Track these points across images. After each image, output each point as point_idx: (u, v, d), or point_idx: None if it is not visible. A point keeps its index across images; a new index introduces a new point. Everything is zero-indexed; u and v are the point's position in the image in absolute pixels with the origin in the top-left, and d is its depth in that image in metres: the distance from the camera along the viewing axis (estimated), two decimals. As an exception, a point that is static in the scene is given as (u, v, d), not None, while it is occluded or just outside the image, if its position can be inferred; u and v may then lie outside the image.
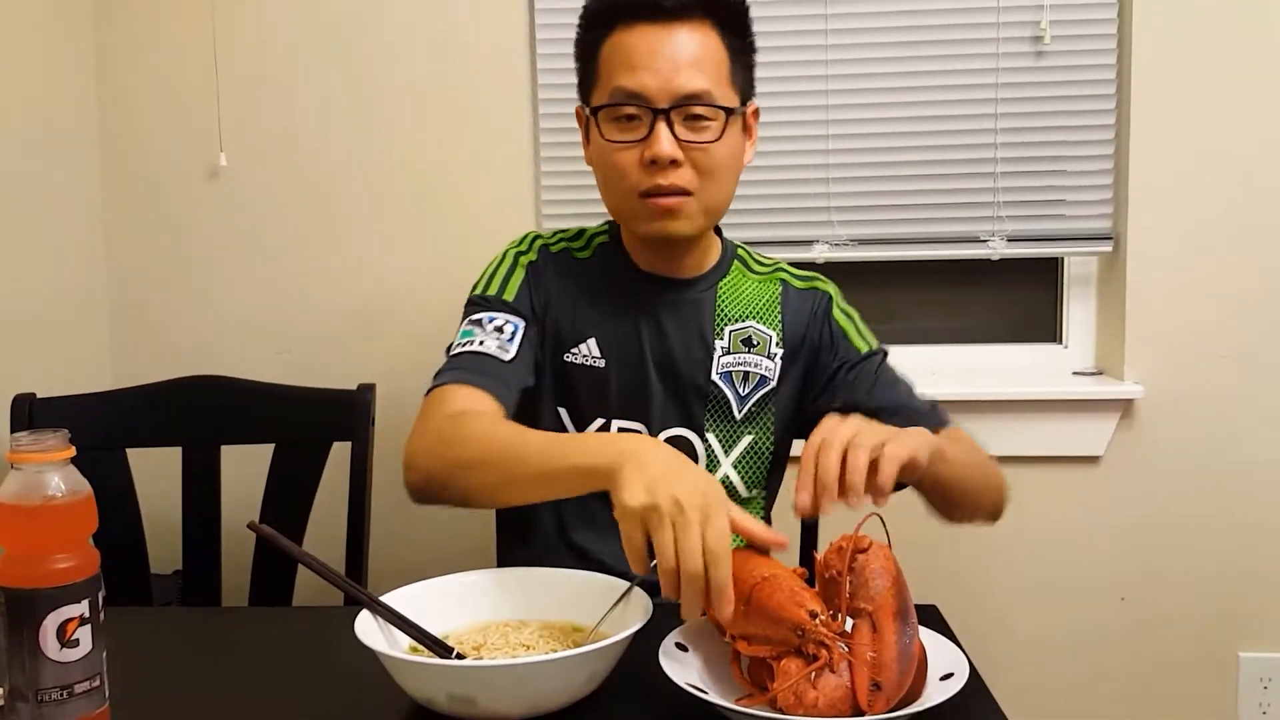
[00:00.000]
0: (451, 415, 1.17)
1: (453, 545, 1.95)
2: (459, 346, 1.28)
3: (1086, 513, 1.97)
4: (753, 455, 1.38)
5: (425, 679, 0.89)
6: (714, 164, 1.26)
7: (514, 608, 1.06)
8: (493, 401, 1.21)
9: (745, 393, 1.36)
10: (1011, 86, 1.94)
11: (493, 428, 1.14)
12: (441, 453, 1.14)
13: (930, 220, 1.98)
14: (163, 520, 1.62)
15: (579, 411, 1.34)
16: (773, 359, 1.37)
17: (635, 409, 1.33)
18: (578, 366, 1.34)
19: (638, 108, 1.23)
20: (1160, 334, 1.93)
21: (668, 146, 1.22)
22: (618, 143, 1.25)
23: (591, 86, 1.30)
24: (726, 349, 1.35)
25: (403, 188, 1.99)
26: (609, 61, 1.26)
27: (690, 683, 0.89)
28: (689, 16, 1.23)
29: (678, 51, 1.23)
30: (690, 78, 1.22)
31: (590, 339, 1.34)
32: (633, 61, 1.23)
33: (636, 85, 1.22)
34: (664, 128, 1.22)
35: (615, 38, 1.25)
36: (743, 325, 1.37)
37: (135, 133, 2.02)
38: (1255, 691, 1.97)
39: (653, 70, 1.22)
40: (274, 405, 1.62)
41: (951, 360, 2.08)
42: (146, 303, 2.05)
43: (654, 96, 1.22)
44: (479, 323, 1.30)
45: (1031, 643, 2.00)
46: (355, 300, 2.01)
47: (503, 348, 1.27)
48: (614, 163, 1.26)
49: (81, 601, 0.83)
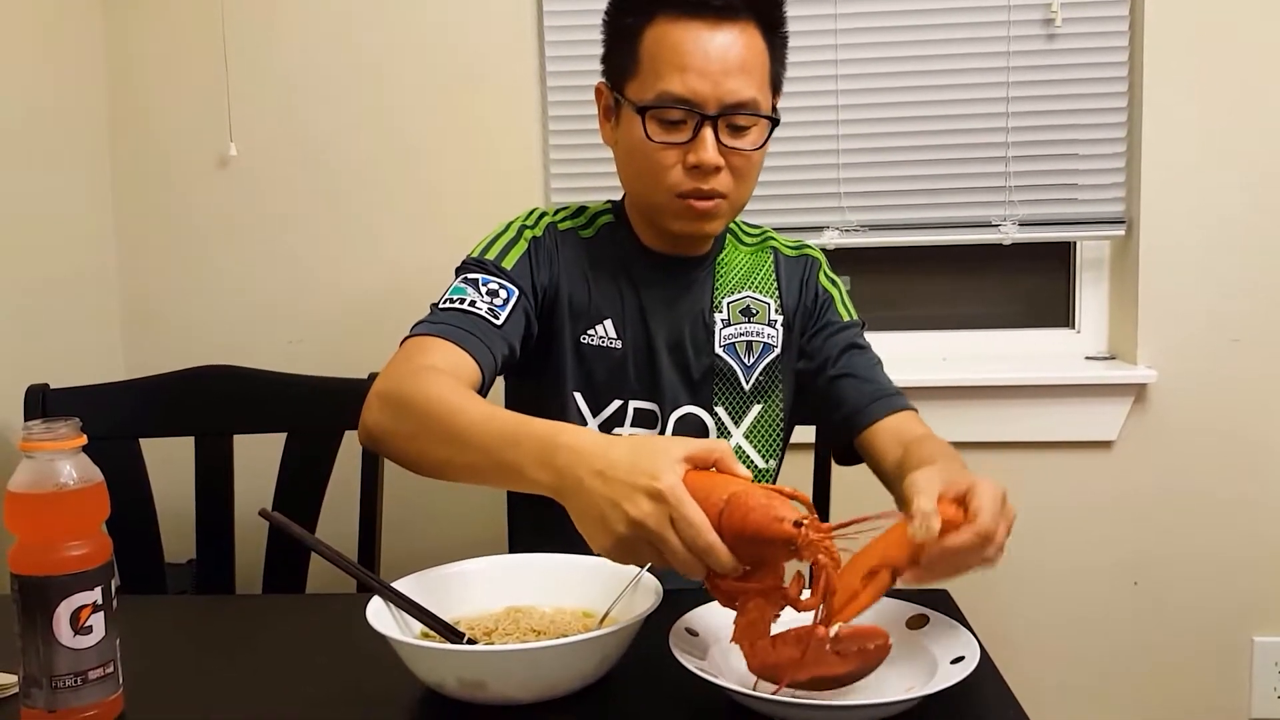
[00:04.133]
0: (417, 370, 1.12)
1: (464, 532, 1.96)
2: (446, 301, 1.24)
3: (1099, 497, 1.97)
4: (764, 425, 1.38)
5: (436, 664, 0.89)
6: (749, 167, 1.26)
7: (525, 593, 1.06)
8: (470, 363, 1.17)
9: (751, 362, 1.36)
10: (1023, 70, 1.93)
11: (454, 398, 1.05)
12: (396, 411, 1.09)
13: (942, 205, 1.98)
14: (176, 509, 1.63)
15: (596, 393, 1.33)
16: (774, 326, 1.38)
17: (648, 390, 1.34)
18: (595, 348, 1.33)
19: (684, 112, 1.21)
20: (1173, 318, 1.92)
21: (714, 154, 1.22)
22: (660, 143, 1.23)
23: (629, 75, 1.25)
24: (727, 320, 1.36)
25: (413, 176, 2.00)
26: (654, 56, 1.22)
27: (701, 667, 0.89)
28: (736, 15, 1.21)
29: (727, 55, 1.20)
30: (740, 85, 1.21)
31: (606, 320, 1.33)
32: (682, 62, 1.20)
33: (687, 91, 1.20)
34: (710, 134, 1.21)
35: (660, 28, 1.22)
36: (739, 296, 1.38)
37: (145, 123, 2.03)
38: (1270, 675, 1.97)
39: (703, 75, 1.20)
40: (286, 394, 1.62)
41: (964, 345, 2.08)
42: (158, 293, 2.06)
43: (704, 102, 1.20)
44: (474, 282, 1.26)
45: (1043, 627, 2.00)
46: (366, 289, 2.01)
47: (493, 311, 1.23)
48: (655, 160, 1.24)
49: (94, 589, 0.84)
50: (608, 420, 1.33)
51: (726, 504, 0.84)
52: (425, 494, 1.74)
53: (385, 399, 1.10)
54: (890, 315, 2.10)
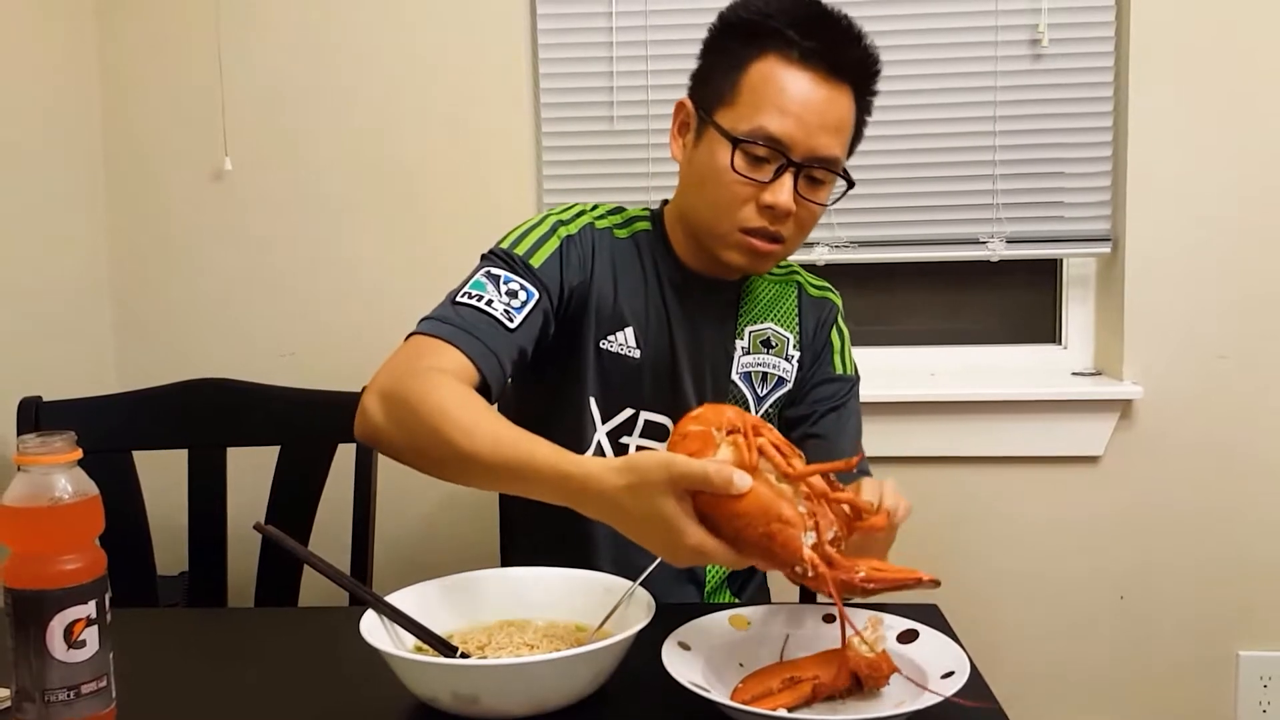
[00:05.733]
0: (423, 373, 1.10)
1: (457, 545, 1.96)
2: (465, 295, 1.21)
3: (1086, 512, 1.98)
4: None
5: (429, 678, 0.90)
6: (812, 221, 1.29)
7: (518, 607, 1.06)
8: (473, 372, 1.15)
9: (763, 393, 1.37)
10: (1010, 89, 1.95)
11: (461, 416, 1.03)
12: (399, 417, 1.07)
13: (930, 222, 1.99)
14: (169, 522, 1.63)
15: (609, 399, 1.33)
16: (790, 361, 1.39)
17: (664, 403, 1.33)
18: (613, 355, 1.32)
19: (771, 151, 1.22)
20: (1159, 334, 1.94)
21: (789, 199, 1.23)
22: (742, 176, 1.24)
23: (724, 101, 1.25)
24: (746, 349, 1.37)
25: (408, 190, 2.00)
26: (757, 90, 1.23)
27: (693, 681, 0.89)
28: (841, 77, 1.24)
29: (827, 110, 1.23)
30: (829, 143, 1.23)
31: (628, 328, 1.32)
32: (785, 106, 1.21)
33: (782, 133, 1.21)
34: (790, 180, 1.23)
35: (769, 65, 1.22)
36: (762, 326, 1.38)
37: (139, 136, 2.03)
38: (1255, 690, 1.98)
39: (801, 123, 1.21)
40: (279, 407, 1.62)
41: (951, 361, 2.09)
42: (151, 306, 2.06)
43: (793, 148, 1.22)
44: (495, 279, 1.23)
45: (1032, 641, 2.00)
46: (359, 302, 2.02)
47: (509, 314, 1.20)
48: (731, 191, 1.24)
49: (88, 602, 0.84)
50: (617, 428, 1.33)
51: (736, 539, 0.87)
52: (419, 507, 1.75)
53: (389, 400, 1.09)
54: (879, 330, 2.11)
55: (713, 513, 0.87)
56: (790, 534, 0.86)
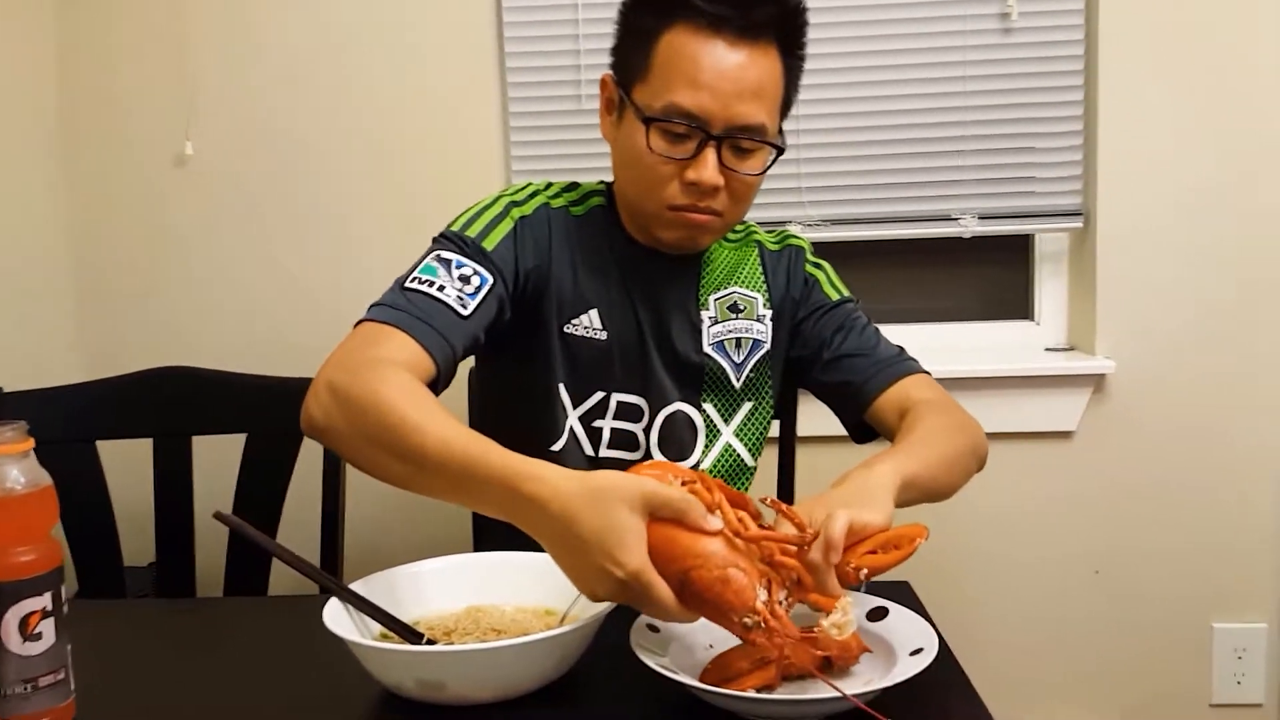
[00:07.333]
0: (371, 364, 1.05)
1: (430, 531, 1.94)
2: (415, 281, 1.17)
3: (1060, 487, 1.99)
4: (754, 422, 1.37)
5: (393, 666, 0.89)
6: (748, 190, 1.25)
7: (487, 592, 1.05)
8: (427, 360, 1.11)
9: (740, 360, 1.35)
10: (979, 64, 1.94)
11: (411, 412, 0.98)
12: (347, 411, 1.02)
13: (901, 200, 1.99)
14: (136, 512, 1.61)
15: (579, 384, 1.30)
16: (762, 322, 1.36)
17: (636, 383, 1.31)
18: (579, 339, 1.29)
19: (690, 128, 1.18)
20: (1131, 309, 1.94)
21: (714, 174, 1.19)
22: (661, 156, 1.20)
23: (638, 76, 1.22)
24: (714, 318, 1.34)
25: (374, 174, 1.98)
26: (668, 64, 1.18)
27: (662, 664, 0.89)
28: (758, 36, 1.18)
29: (743, 76, 1.17)
30: (751, 110, 1.18)
31: (592, 310, 1.30)
32: (696, 78, 1.17)
33: (696, 107, 1.17)
34: (713, 155, 1.19)
35: (678, 36, 1.18)
36: (726, 293, 1.36)
37: (98, 120, 2.00)
38: (1229, 662, 1.99)
39: (716, 93, 1.16)
40: (245, 395, 1.60)
41: (924, 339, 2.09)
42: (114, 294, 2.03)
43: (711, 121, 1.17)
44: (447, 263, 1.19)
45: (1005, 617, 2.01)
46: (326, 287, 2.00)
47: (462, 300, 1.16)
48: (652, 172, 1.21)
49: (44, 594, 0.83)
50: (589, 412, 1.30)
51: (685, 578, 0.85)
52: (389, 493, 1.72)
53: (336, 393, 1.03)
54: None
55: (668, 549, 0.85)
56: (746, 583, 0.85)
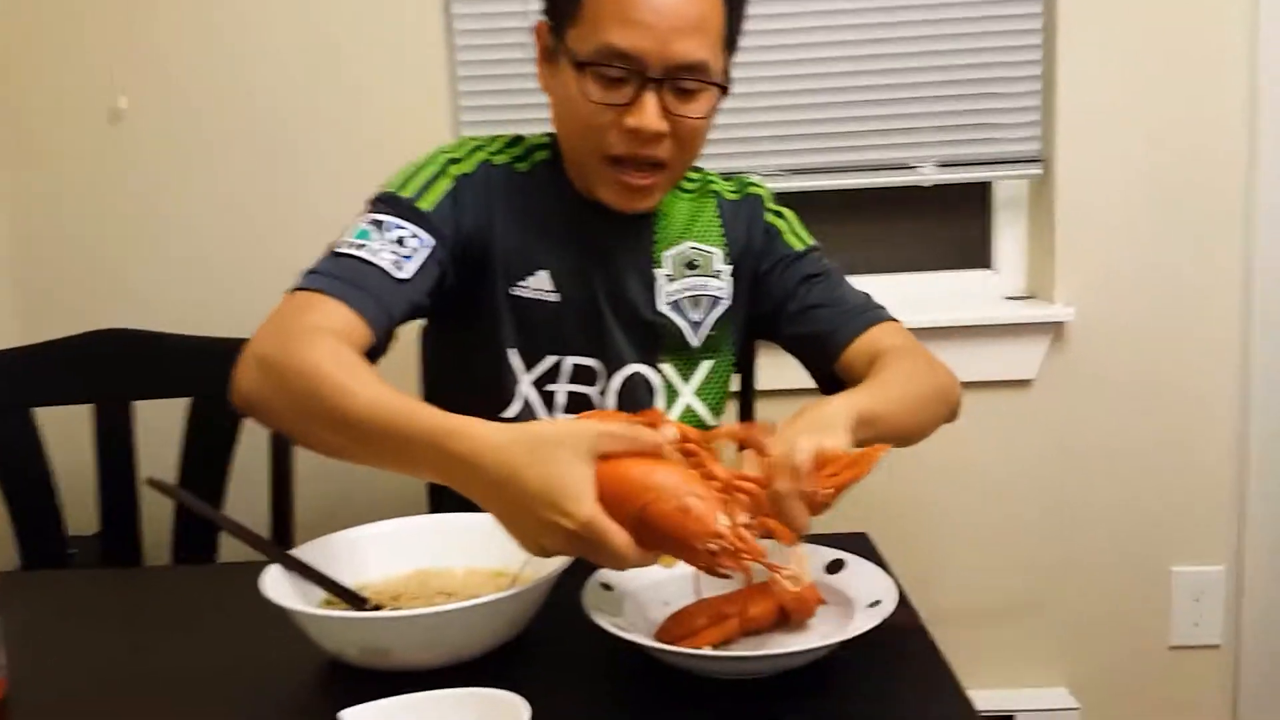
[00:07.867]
0: (302, 332, 1.00)
1: (384, 494, 1.90)
2: (346, 245, 1.11)
3: (1019, 435, 1.99)
4: (714, 380, 1.33)
5: (332, 633, 0.86)
6: (695, 135, 1.18)
7: (437, 554, 1.03)
8: (362, 327, 1.06)
9: (699, 318, 1.29)
10: (938, 8, 1.90)
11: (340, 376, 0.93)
12: (276, 381, 0.97)
13: (859, 148, 1.95)
14: (79, 480, 1.57)
15: (531, 348, 1.25)
16: (719, 276, 1.31)
17: (590, 346, 1.26)
18: (528, 301, 1.23)
19: (626, 70, 1.11)
20: (1090, 257, 1.93)
21: (655, 120, 1.12)
22: (597, 103, 1.13)
23: (570, 19, 1.14)
24: (670, 276, 1.29)
25: (318, 127, 1.92)
26: (600, 2, 1.11)
27: (616, 623, 0.87)
28: None
29: (681, 11, 1.10)
30: (691, 47, 1.11)
31: (542, 271, 1.24)
32: (629, 15, 1.09)
33: (630, 46, 1.09)
34: (653, 98, 1.11)
35: None
36: (681, 248, 1.30)
37: (22, 73, 1.91)
38: (1188, 605, 2.01)
39: (651, 31, 1.09)
40: (187, 357, 1.56)
41: (884, 290, 2.04)
42: (49, 257, 1.96)
43: (648, 62, 1.10)
44: (379, 225, 1.13)
45: (965, 565, 2.02)
46: (268, 245, 1.94)
47: (398, 264, 1.11)
48: (590, 120, 1.14)
49: (-35, 569, 0.79)
50: (542, 377, 1.25)
51: (642, 515, 0.80)
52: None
53: (264, 364, 0.98)
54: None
55: (619, 488, 0.81)
56: (705, 509, 0.80)
